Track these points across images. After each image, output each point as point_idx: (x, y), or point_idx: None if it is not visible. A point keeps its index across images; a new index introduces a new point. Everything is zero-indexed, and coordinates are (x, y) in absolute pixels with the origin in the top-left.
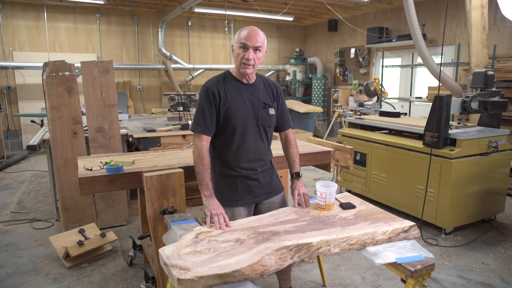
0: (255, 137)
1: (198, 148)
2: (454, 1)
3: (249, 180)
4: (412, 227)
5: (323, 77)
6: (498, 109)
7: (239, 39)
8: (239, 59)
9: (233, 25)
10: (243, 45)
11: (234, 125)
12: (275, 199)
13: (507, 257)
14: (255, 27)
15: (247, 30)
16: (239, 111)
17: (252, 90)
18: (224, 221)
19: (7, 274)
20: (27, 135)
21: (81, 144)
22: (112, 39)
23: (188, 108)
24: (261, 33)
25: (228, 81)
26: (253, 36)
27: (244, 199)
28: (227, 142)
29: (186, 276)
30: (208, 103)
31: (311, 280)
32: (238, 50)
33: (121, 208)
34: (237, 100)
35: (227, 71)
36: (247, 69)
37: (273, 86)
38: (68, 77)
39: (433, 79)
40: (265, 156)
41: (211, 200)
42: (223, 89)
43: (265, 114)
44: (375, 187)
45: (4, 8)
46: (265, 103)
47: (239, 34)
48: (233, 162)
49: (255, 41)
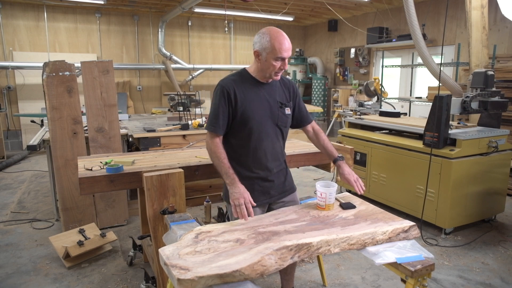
0: (272, 137)
1: (210, 143)
2: (454, 1)
3: (265, 182)
4: (412, 227)
5: (323, 77)
6: (498, 109)
7: (275, 51)
8: (274, 70)
9: (233, 25)
10: (281, 58)
11: (251, 125)
12: (287, 198)
13: (507, 257)
14: (285, 34)
15: (282, 40)
16: (256, 111)
17: (269, 89)
18: (247, 209)
19: (7, 274)
20: (27, 135)
21: (81, 144)
22: (112, 39)
23: (188, 108)
24: (288, 39)
25: (245, 80)
26: (289, 48)
27: (260, 200)
28: (244, 142)
29: (186, 276)
30: (223, 102)
31: (311, 280)
32: (273, 61)
33: (121, 208)
34: (254, 100)
35: (243, 70)
36: (278, 77)
37: (289, 84)
38: (68, 77)
39: (433, 79)
40: (281, 156)
41: (234, 188)
42: (239, 89)
43: (281, 114)
44: (375, 187)
45: (4, 8)
46: (281, 103)
47: (272, 43)
48: (251, 163)
49: (289, 51)
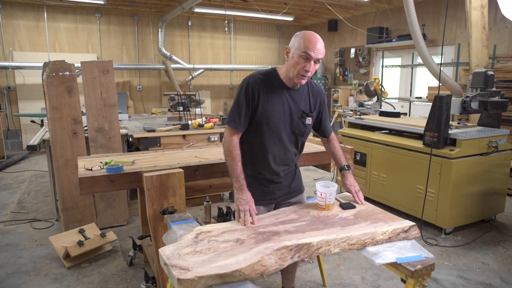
0: (286, 144)
1: (228, 141)
2: (454, 1)
3: (271, 184)
4: (412, 227)
5: (323, 77)
6: (498, 109)
7: (302, 46)
8: (298, 69)
9: (233, 25)
10: (306, 55)
11: (267, 128)
12: (294, 199)
13: (507, 257)
14: (319, 37)
15: (312, 38)
16: (275, 115)
17: (295, 95)
18: (251, 217)
19: (7, 274)
20: (27, 135)
21: (81, 144)
22: (112, 39)
23: (188, 108)
24: (322, 43)
25: (273, 81)
26: (319, 47)
27: (264, 200)
28: (256, 143)
29: (186, 276)
30: (246, 99)
31: (311, 280)
32: (298, 59)
33: (121, 208)
34: (276, 103)
35: (273, 69)
36: (303, 80)
37: (318, 93)
38: (68, 77)
39: (433, 79)
40: (291, 162)
41: (241, 194)
42: (264, 89)
43: (301, 123)
44: (375, 187)
45: (4, 8)
46: (303, 112)
47: (302, 39)
48: (259, 164)
49: (319, 53)
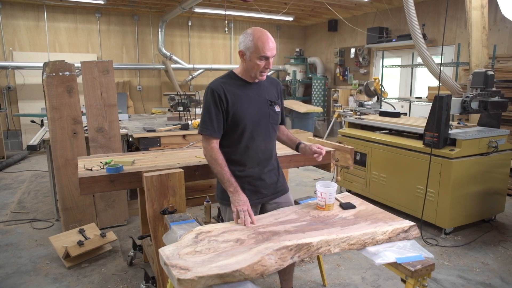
0: (265, 136)
1: (208, 150)
2: (454, 1)
3: (256, 181)
4: (412, 227)
5: (323, 77)
6: (498, 109)
7: (258, 50)
8: (257, 69)
9: (233, 25)
10: (264, 57)
11: (244, 125)
12: (281, 199)
13: (507, 257)
14: (268, 33)
15: (264, 39)
16: (247, 111)
17: (257, 89)
18: (250, 217)
19: (7, 274)
20: (27, 135)
21: (81, 144)
22: (112, 39)
23: (188, 108)
24: (272, 38)
25: (234, 81)
26: (272, 46)
27: (251, 199)
28: (235, 142)
29: (186, 276)
30: (214, 105)
31: (311, 280)
32: (257, 61)
33: (121, 208)
34: (244, 100)
35: (231, 72)
36: (264, 76)
37: (276, 82)
38: (68, 77)
39: (433, 79)
40: (273, 153)
41: (237, 196)
42: (229, 90)
43: (272, 112)
44: (375, 187)
45: (4, 8)
46: (270, 101)
47: (254, 42)
48: (241, 161)
49: (273, 50)
